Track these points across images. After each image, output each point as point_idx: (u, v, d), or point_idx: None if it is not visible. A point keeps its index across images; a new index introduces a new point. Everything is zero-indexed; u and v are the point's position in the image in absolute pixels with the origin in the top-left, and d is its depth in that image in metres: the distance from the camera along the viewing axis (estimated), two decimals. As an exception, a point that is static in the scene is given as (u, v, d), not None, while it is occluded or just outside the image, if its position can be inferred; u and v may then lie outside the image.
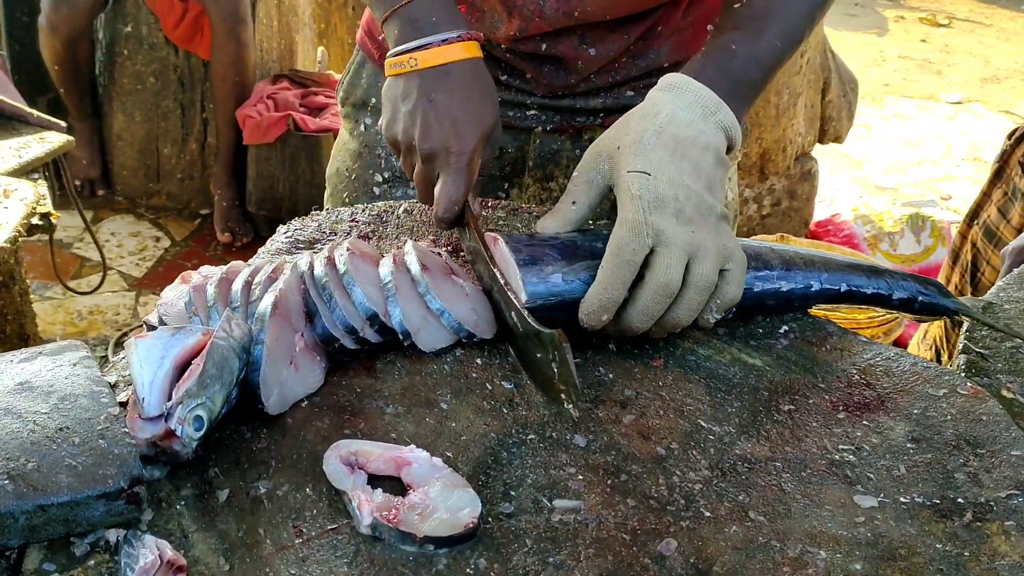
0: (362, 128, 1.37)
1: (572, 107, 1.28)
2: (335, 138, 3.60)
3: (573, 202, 0.99)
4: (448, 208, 1.01)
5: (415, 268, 0.95)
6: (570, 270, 0.94)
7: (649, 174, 0.92)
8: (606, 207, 1.00)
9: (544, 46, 1.21)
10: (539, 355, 0.88)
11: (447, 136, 1.01)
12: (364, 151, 1.37)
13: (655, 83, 1.02)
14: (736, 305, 0.97)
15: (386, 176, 1.35)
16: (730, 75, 1.01)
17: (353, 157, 1.39)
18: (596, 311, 0.91)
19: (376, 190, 1.35)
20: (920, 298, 1.06)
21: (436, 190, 1.03)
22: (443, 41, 1.03)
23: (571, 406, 0.84)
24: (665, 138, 0.95)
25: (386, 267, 0.95)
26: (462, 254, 1.07)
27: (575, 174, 0.99)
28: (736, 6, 1.06)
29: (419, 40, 1.03)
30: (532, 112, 1.29)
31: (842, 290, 1.04)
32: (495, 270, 0.95)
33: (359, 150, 1.38)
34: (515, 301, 0.91)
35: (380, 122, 1.09)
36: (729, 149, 1.01)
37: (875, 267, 1.07)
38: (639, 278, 0.91)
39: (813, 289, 1.03)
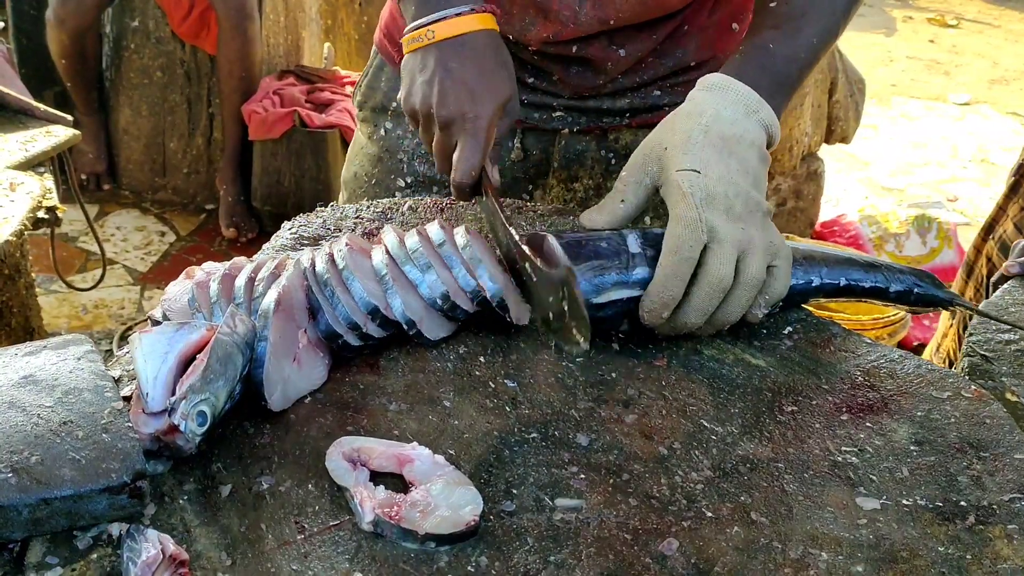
0: (382, 132, 1.37)
1: (599, 108, 1.29)
2: (341, 135, 3.60)
3: (622, 200, 1.00)
4: (465, 173, 1.02)
5: (391, 240, 0.95)
6: (624, 269, 0.95)
7: (699, 172, 0.94)
8: (650, 205, 1.01)
9: (574, 48, 1.22)
10: (551, 298, 0.89)
11: (463, 103, 1.02)
12: (385, 156, 1.37)
13: (681, 81, 1.03)
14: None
15: (408, 181, 1.35)
16: (771, 74, 1.02)
17: (372, 162, 1.39)
18: (657, 308, 0.93)
19: (398, 195, 1.35)
20: (916, 290, 1.07)
21: (454, 157, 1.03)
22: (457, 14, 1.05)
23: (582, 339, 0.86)
24: (712, 136, 0.96)
25: (378, 256, 0.95)
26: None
27: (623, 174, 1.01)
28: (772, 4, 1.07)
29: (435, 14, 1.05)
30: (558, 114, 1.30)
31: (841, 284, 1.05)
32: (511, 230, 0.97)
33: (379, 154, 1.38)
34: (529, 253, 0.93)
35: (399, 95, 1.11)
36: (769, 145, 1.02)
37: (873, 261, 1.09)
38: (691, 275, 0.93)
39: (813, 284, 1.04)
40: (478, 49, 1.04)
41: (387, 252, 0.95)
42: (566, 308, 0.87)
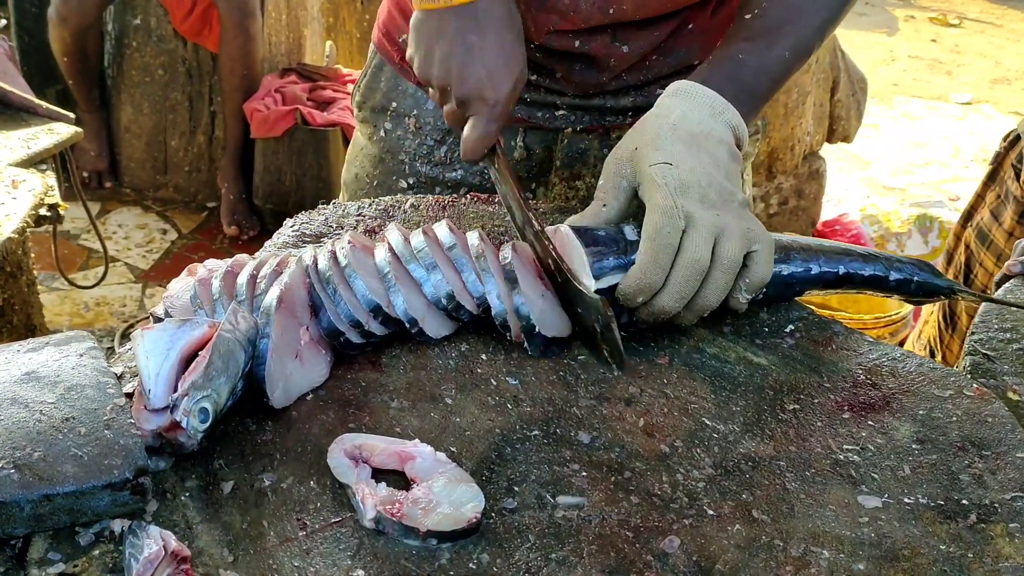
0: (382, 133, 1.37)
1: (602, 106, 1.29)
2: (342, 133, 3.59)
3: (603, 205, 1.01)
4: (476, 152, 1.07)
5: (395, 238, 0.96)
6: (622, 254, 0.97)
7: (671, 164, 0.95)
8: (634, 208, 1.02)
9: (577, 43, 1.22)
10: (580, 311, 0.94)
11: (483, 86, 1.05)
12: (387, 157, 1.37)
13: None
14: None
15: (411, 182, 1.35)
16: (737, 83, 1.03)
17: (374, 163, 1.39)
18: (633, 293, 0.94)
19: (400, 196, 1.35)
20: (915, 279, 1.07)
21: (466, 131, 1.07)
22: None
23: (614, 365, 0.92)
24: (680, 133, 0.98)
25: (381, 254, 0.95)
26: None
27: (600, 181, 1.02)
28: (748, 17, 1.07)
29: None
30: (561, 112, 1.30)
31: (840, 272, 1.05)
32: (529, 214, 1.00)
33: (380, 155, 1.38)
34: (565, 266, 0.95)
35: (411, 58, 1.11)
36: (737, 147, 1.03)
37: (871, 252, 1.09)
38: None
39: (812, 272, 1.04)
40: (496, 19, 1.06)
41: (390, 250, 0.95)
42: (599, 331, 0.91)
